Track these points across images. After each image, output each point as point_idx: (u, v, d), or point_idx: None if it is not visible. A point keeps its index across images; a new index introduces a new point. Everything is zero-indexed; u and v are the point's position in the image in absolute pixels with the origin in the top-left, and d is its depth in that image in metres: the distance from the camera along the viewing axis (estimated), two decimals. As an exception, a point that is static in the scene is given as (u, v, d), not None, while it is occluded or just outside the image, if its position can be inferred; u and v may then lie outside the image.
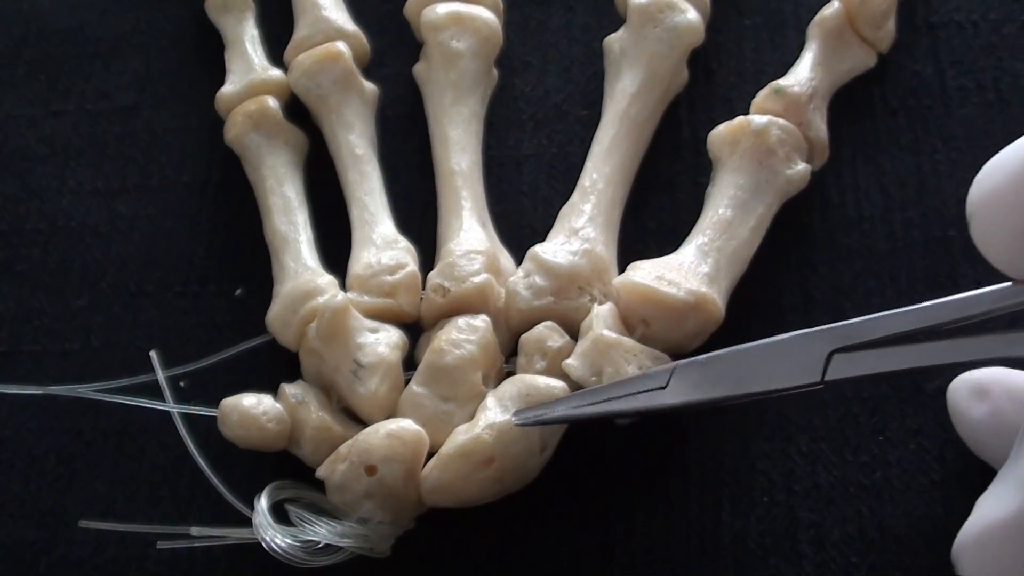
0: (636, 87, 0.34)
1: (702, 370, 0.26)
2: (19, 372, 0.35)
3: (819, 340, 0.24)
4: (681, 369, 0.26)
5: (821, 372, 0.24)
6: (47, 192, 0.38)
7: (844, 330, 0.23)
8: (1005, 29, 0.36)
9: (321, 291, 0.31)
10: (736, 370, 0.25)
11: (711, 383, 0.25)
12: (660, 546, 0.29)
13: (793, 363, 0.24)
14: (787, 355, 0.24)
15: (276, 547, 0.28)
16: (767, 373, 0.25)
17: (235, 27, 0.39)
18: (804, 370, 0.24)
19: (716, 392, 0.25)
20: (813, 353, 0.24)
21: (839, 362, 0.23)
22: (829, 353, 0.24)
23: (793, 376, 0.24)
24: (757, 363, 0.25)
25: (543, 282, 0.31)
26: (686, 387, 0.26)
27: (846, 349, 0.23)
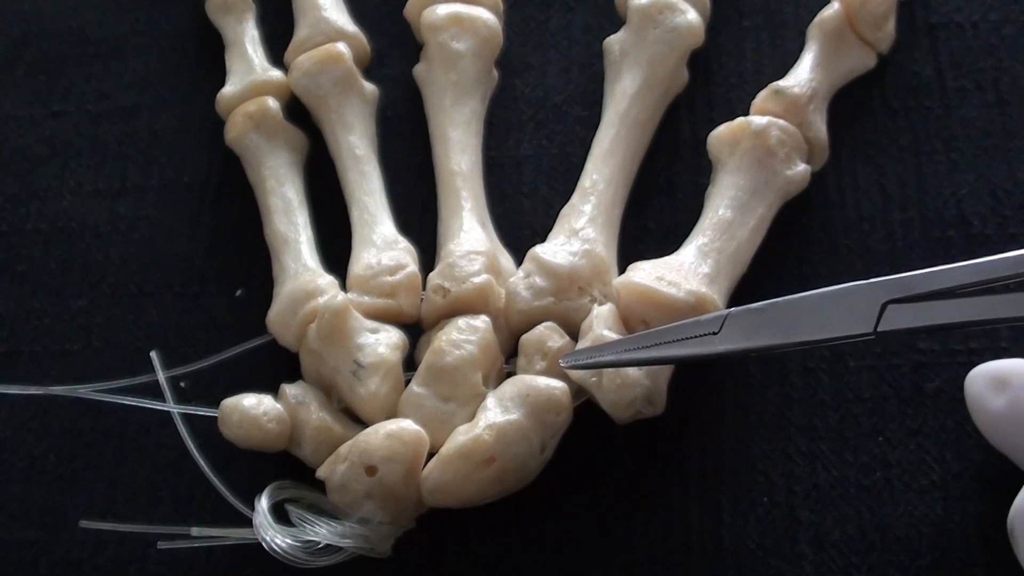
0: (636, 88, 0.34)
1: (755, 317, 0.26)
2: (19, 372, 0.35)
3: (874, 291, 0.24)
4: (734, 315, 0.26)
5: (874, 323, 0.24)
6: (47, 192, 0.38)
7: (899, 282, 0.23)
8: (1005, 30, 0.36)
9: (321, 292, 0.31)
10: (789, 318, 0.25)
11: (764, 330, 0.25)
12: (660, 546, 0.29)
13: (846, 313, 0.24)
14: (841, 305, 0.24)
15: (276, 547, 0.28)
16: (820, 322, 0.25)
17: (235, 28, 0.39)
18: (857, 320, 0.24)
19: (768, 339, 0.25)
20: (867, 304, 0.24)
21: (892, 313, 0.23)
22: (883, 304, 0.23)
23: (846, 326, 0.24)
24: (811, 312, 0.25)
25: (543, 283, 0.31)
26: (739, 333, 0.26)
27: (900, 300, 0.23)
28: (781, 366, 0.31)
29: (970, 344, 0.30)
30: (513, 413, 0.28)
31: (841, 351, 0.31)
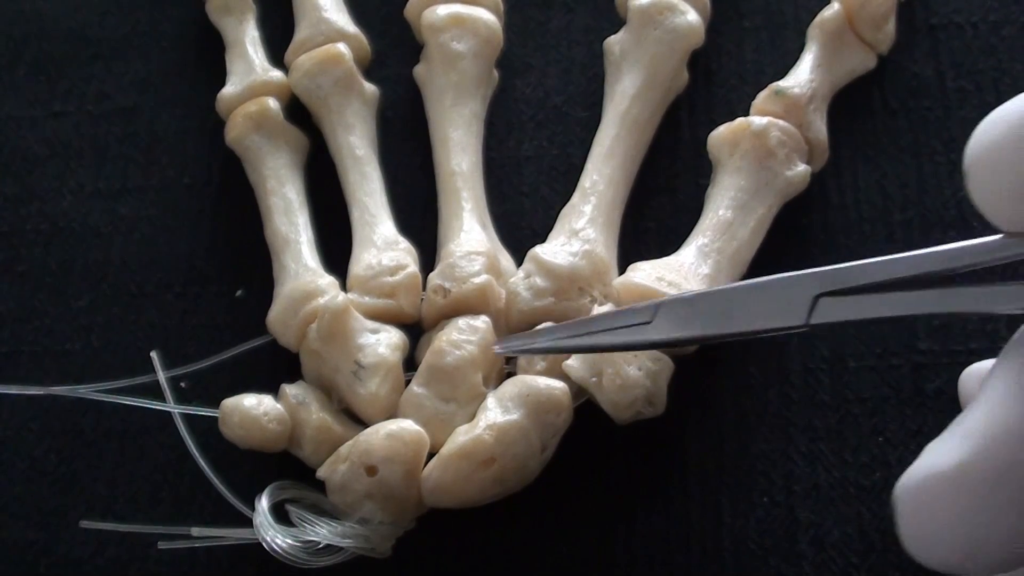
0: (636, 88, 0.34)
1: (688, 307, 0.26)
2: (20, 372, 0.35)
3: (806, 283, 0.23)
4: (667, 305, 0.26)
5: (806, 315, 0.23)
6: (48, 193, 0.38)
7: (831, 274, 0.23)
8: (1005, 31, 0.36)
9: (322, 292, 0.31)
10: (722, 308, 0.25)
11: (696, 320, 0.25)
12: (660, 546, 0.29)
13: (779, 304, 0.24)
14: (773, 296, 0.24)
15: (277, 547, 0.28)
16: (753, 313, 0.24)
17: (236, 28, 0.39)
18: (789, 312, 0.24)
19: (701, 330, 0.25)
20: (799, 295, 0.23)
21: (824, 306, 0.23)
22: (815, 296, 0.23)
23: (778, 317, 0.24)
24: (743, 302, 0.25)
25: (543, 283, 0.31)
26: (671, 323, 0.26)
27: (832, 293, 0.23)
28: (781, 366, 0.31)
29: (970, 344, 0.30)
30: (513, 413, 0.28)
31: (841, 352, 0.31)
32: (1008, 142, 0.19)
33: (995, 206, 0.20)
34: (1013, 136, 0.19)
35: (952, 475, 0.19)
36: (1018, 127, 0.19)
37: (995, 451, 0.19)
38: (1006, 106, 0.20)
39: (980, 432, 0.19)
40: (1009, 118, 0.19)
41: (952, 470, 0.19)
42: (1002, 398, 0.19)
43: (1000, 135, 0.19)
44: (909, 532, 0.20)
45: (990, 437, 0.19)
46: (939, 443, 0.20)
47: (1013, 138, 0.19)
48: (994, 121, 0.20)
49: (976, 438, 0.19)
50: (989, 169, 0.20)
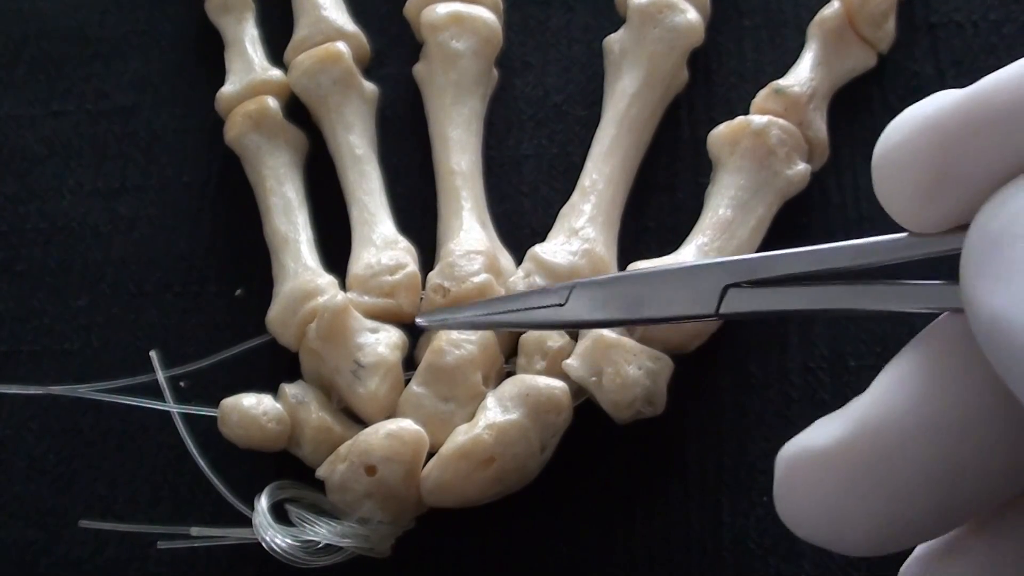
0: (636, 87, 0.34)
1: (601, 290, 0.26)
2: (19, 372, 0.35)
3: (715, 272, 0.23)
4: (580, 287, 0.26)
5: (716, 304, 0.23)
6: (47, 192, 0.38)
7: (739, 265, 0.23)
8: (1005, 29, 0.36)
9: (321, 291, 0.31)
10: (635, 293, 0.25)
11: (609, 304, 0.25)
12: (660, 546, 0.29)
13: (690, 293, 0.24)
14: (685, 284, 0.24)
15: (276, 547, 0.28)
16: (664, 299, 0.24)
17: (235, 27, 0.39)
18: (699, 301, 0.24)
19: (613, 313, 0.25)
20: (709, 285, 0.23)
21: (733, 297, 0.23)
22: (724, 287, 0.23)
23: (689, 305, 0.24)
24: (655, 289, 0.25)
25: (543, 282, 0.31)
26: (584, 306, 0.26)
27: (741, 284, 0.23)
28: (781, 366, 0.31)
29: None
30: (513, 413, 0.28)
31: (841, 351, 0.31)
32: (911, 143, 0.19)
33: (899, 206, 0.20)
34: (916, 137, 0.19)
35: (824, 454, 0.19)
36: (921, 128, 0.19)
37: (868, 436, 0.19)
38: (912, 108, 0.20)
39: (859, 417, 0.19)
40: (914, 120, 0.19)
41: (824, 449, 0.19)
42: (886, 388, 0.19)
43: (904, 136, 0.19)
44: (780, 501, 0.20)
45: (867, 423, 0.19)
46: (824, 420, 0.20)
47: (916, 139, 0.19)
48: (900, 123, 0.20)
49: (853, 421, 0.19)
50: (893, 169, 0.20)
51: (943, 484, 0.18)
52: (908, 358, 0.20)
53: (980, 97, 0.19)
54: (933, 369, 0.19)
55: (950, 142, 0.19)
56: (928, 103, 0.19)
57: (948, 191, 0.19)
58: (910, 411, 0.19)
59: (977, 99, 0.19)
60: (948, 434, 0.18)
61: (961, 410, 0.18)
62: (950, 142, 0.19)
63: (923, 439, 0.18)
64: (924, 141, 0.19)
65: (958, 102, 0.19)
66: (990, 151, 0.18)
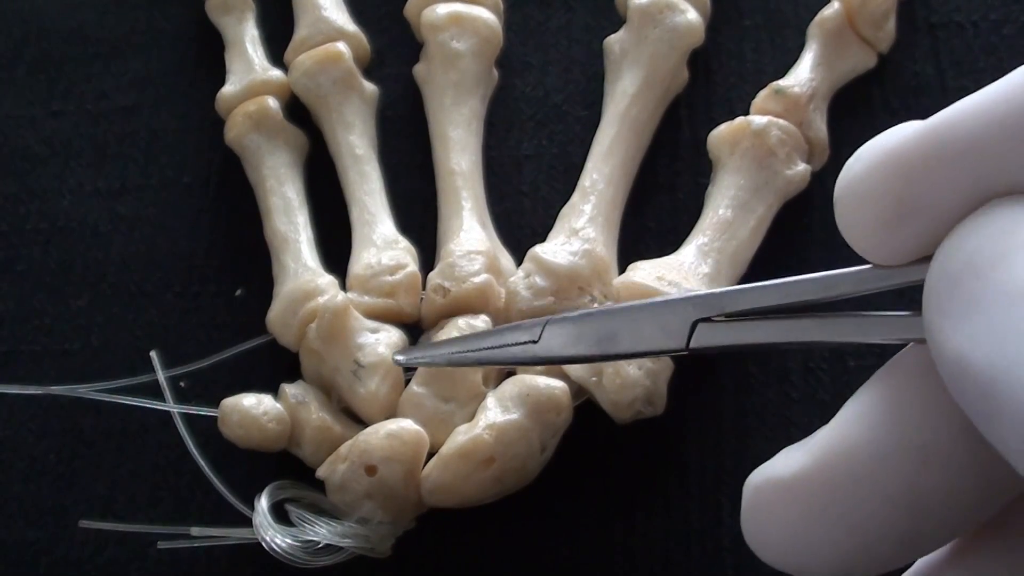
0: (636, 87, 0.34)
1: (573, 327, 0.26)
2: (19, 372, 0.35)
3: (684, 307, 0.24)
4: (552, 324, 0.26)
5: (686, 339, 0.24)
6: (47, 192, 0.38)
7: (708, 299, 0.23)
8: (1005, 30, 0.36)
9: (321, 291, 0.31)
10: (606, 329, 0.25)
11: (581, 341, 0.26)
12: (660, 546, 0.29)
13: (660, 328, 0.24)
14: (654, 320, 0.24)
15: (276, 547, 0.28)
16: (634, 335, 0.25)
17: (235, 27, 0.39)
18: (669, 336, 0.24)
19: (585, 349, 0.26)
20: (678, 320, 0.24)
21: (703, 331, 0.23)
22: (693, 322, 0.24)
23: (659, 341, 0.24)
24: (625, 325, 0.25)
25: (543, 282, 0.31)
26: (557, 343, 0.26)
27: (709, 319, 0.23)
28: (781, 366, 0.31)
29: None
30: (513, 413, 0.28)
31: (841, 351, 0.31)
32: (872, 174, 0.19)
33: (861, 238, 0.20)
34: (877, 169, 0.19)
35: (787, 484, 0.19)
36: (883, 160, 0.19)
37: (830, 465, 0.19)
38: (874, 140, 0.20)
39: (822, 447, 0.19)
40: (875, 150, 0.19)
41: (788, 479, 0.19)
42: (849, 419, 0.19)
43: (865, 168, 0.19)
44: (746, 527, 0.20)
45: (830, 453, 0.19)
46: (790, 450, 0.20)
47: (877, 171, 0.19)
48: (861, 154, 0.20)
49: (817, 452, 0.19)
50: (855, 201, 0.20)
51: (907, 512, 0.18)
52: (871, 388, 0.20)
53: (941, 129, 0.19)
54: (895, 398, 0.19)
55: (911, 174, 0.19)
56: (890, 135, 0.19)
57: (909, 223, 0.19)
58: (872, 440, 0.19)
59: (938, 131, 0.19)
60: (910, 462, 0.18)
61: (923, 438, 0.18)
62: (911, 174, 0.19)
63: (884, 467, 0.18)
64: (885, 173, 0.19)
65: (919, 133, 0.19)
66: (951, 183, 0.18)
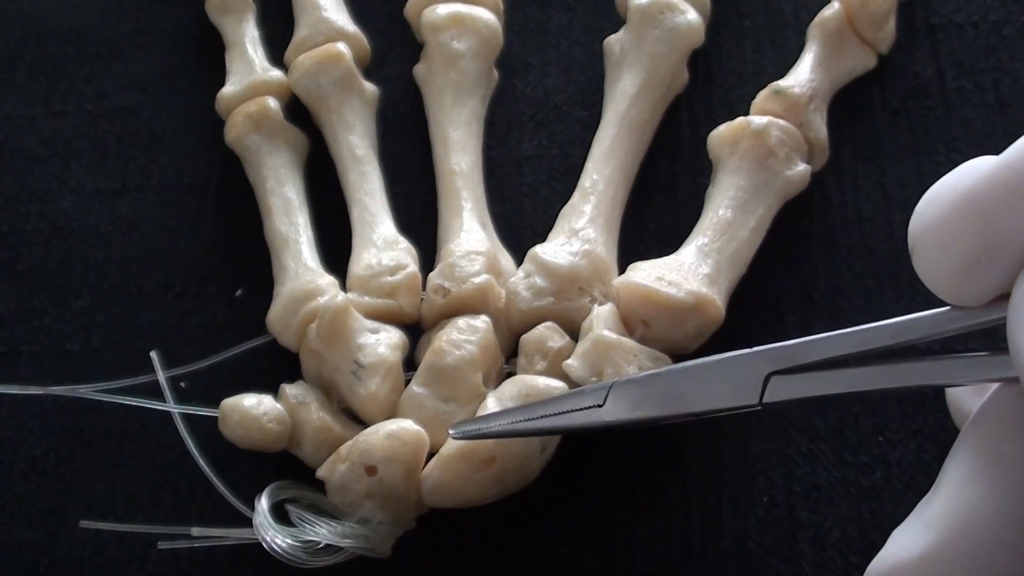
0: (636, 88, 0.34)
1: (640, 389, 0.26)
2: (20, 372, 0.35)
3: (756, 362, 0.23)
4: (618, 387, 0.26)
5: (759, 394, 0.23)
6: (48, 193, 0.38)
7: (781, 352, 0.23)
8: (1005, 30, 0.36)
9: (322, 292, 0.31)
10: (674, 389, 0.25)
11: (648, 402, 0.25)
12: (660, 546, 0.29)
13: (731, 384, 0.24)
14: (725, 376, 0.24)
15: (276, 547, 0.28)
16: (705, 393, 0.24)
17: (235, 28, 0.39)
18: (742, 392, 0.24)
19: (653, 411, 0.25)
20: (751, 375, 0.23)
21: (776, 384, 0.23)
22: (767, 375, 0.23)
23: (731, 397, 0.24)
24: (695, 383, 0.25)
25: (543, 283, 0.31)
26: (623, 406, 0.26)
27: (783, 372, 0.23)
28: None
29: (970, 345, 0.30)
30: (513, 413, 0.28)
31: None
32: (951, 217, 0.19)
33: (943, 282, 0.20)
34: (955, 211, 0.19)
35: (917, 565, 0.19)
36: (960, 202, 0.19)
37: (957, 540, 0.19)
38: (947, 179, 0.20)
39: (941, 519, 0.19)
40: (950, 192, 0.19)
41: (916, 560, 0.19)
42: (959, 483, 0.19)
43: (942, 211, 0.19)
44: None
45: (950, 525, 0.19)
46: (904, 529, 0.20)
47: (956, 213, 0.19)
48: (935, 197, 0.20)
49: (938, 527, 0.19)
50: (935, 244, 0.20)
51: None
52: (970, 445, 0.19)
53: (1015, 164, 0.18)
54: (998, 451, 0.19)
55: (990, 214, 0.18)
56: (961, 174, 0.19)
57: (991, 263, 0.19)
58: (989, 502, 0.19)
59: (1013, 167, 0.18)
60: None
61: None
62: (990, 214, 0.18)
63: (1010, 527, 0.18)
64: (963, 215, 0.19)
65: (992, 172, 0.19)
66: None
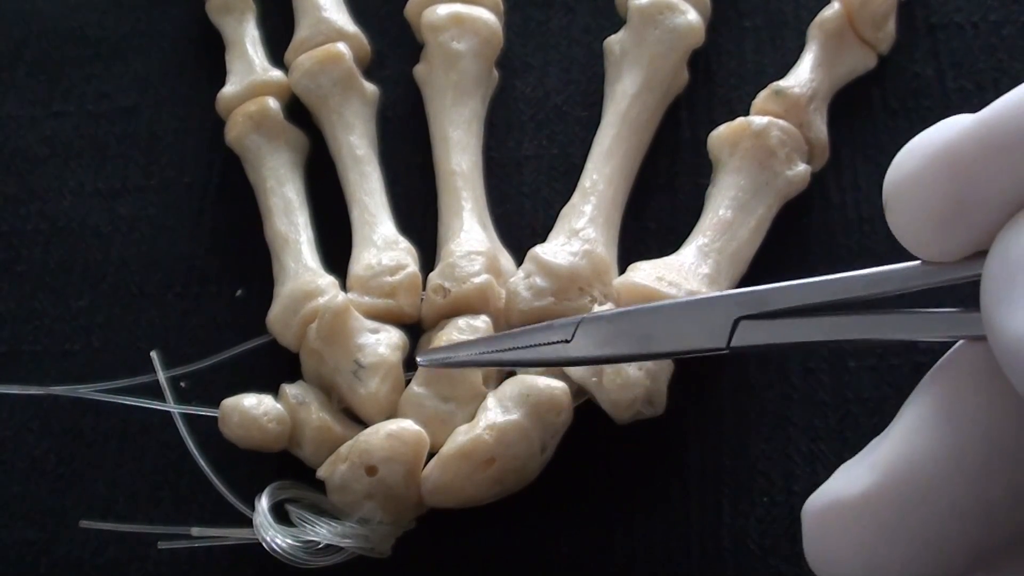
0: (636, 88, 0.34)
1: (609, 326, 0.25)
2: (20, 372, 0.35)
3: (726, 305, 0.23)
4: (587, 323, 0.26)
5: (727, 338, 0.23)
6: (48, 193, 0.38)
7: (750, 296, 0.23)
8: (1005, 30, 0.36)
9: (322, 292, 0.31)
10: (643, 328, 0.25)
11: (617, 340, 0.25)
12: (660, 546, 0.29)
13: (700, 326, 0.24)
14: (694, 318, 0.24)
15: (277, 547, 0.28)
16: (673, 334, 0.24)
17: (236, 28, 0.39)
18: (710, 334, 0.23)
19: (621, 349, 0.25)
20: (720, 317, 0.23)
21: (745, 329, 0.23)
22: (736, 319, 0.23)
23: (699, 339, 0.24)
24: (664, 323, 0.24)
25: (543, 283, 0.31)
26: (591, 342, 0.25)
27: (752, 317, 0.23)
28: (781, 366, 0.31)
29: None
30: (513, 413, 0.28)
31: (841, 351, 0.31)
32: (924, 173, 0.19)
33: (915, 236, 0.20)
34: (929, 166, 0.19)
35: (855, 504, 0.19)
36: (935, 157, 0.19)
37: (898, 483, 0.19)
38: (924, 135, 0.19)
39: (886, 463, 0.19)
40: (927, 146, 0.19)
41: (855, 499, 0.19)
42: (910, 430, 0.19)
43: (916, 166, 0.19)
44: (812, 554, 0.20)
45: (895, 468, 0.19)
46: (849, 468, 0.20)
47: (929, 168, 0.19)
48: (911, 151, 0.20)
49: (881, 468, 0.19)
50: (908, 201, 0.19)
51: (977, 522, 0.18)
52: (927, 394, 0.19)
53: (992, 122, 0.18)
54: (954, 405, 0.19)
55: (965, 170, 0.18)
56: (938, 130, 0.19)
57: (965, 220, 0.19)
58: (936, 452, 0.18)
59: (989, 124, 0.18)
60: (978, 472, 0.18)
61: (988, 445, 0.18)
62: (965, 170, 0.18)
63: (952, 480, 0.18)
64: (938, 170, 0.19)
65: (969, 128, 0.18)
66: (1005, 177, 0.18)
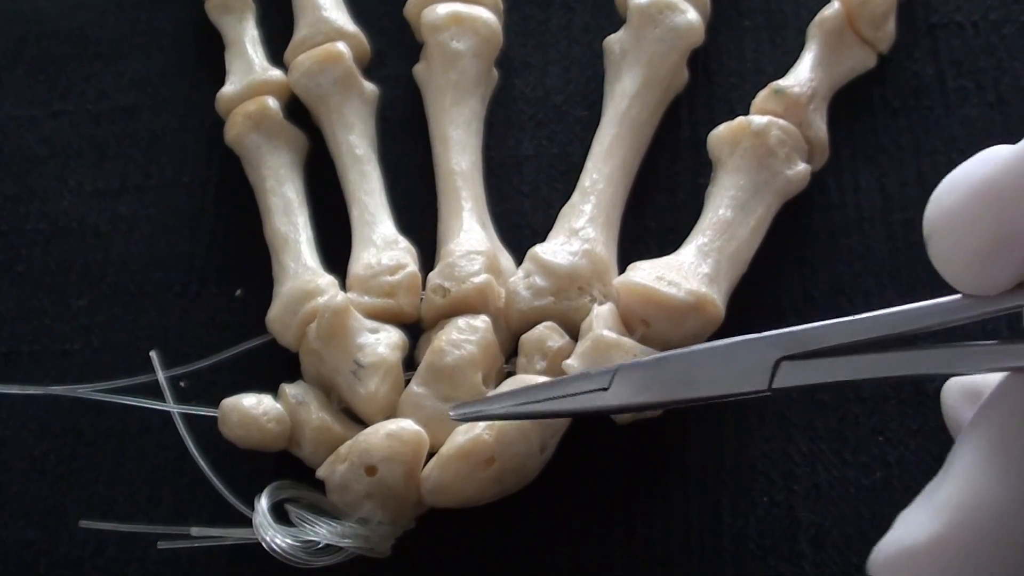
0: (636, 87, 0.34)
1: (646, 372, 0.25)
2: (19, 372, 0.35)
3: (766, 347, 0.23)
4: (624, 370, 0.25)
5: (768, 380, 0.23)
6: (47, 192, 0.38)
7: (791, 337, 0.23)
8: (1005, 30, 0.36)
9: (321, 291, 0.31)
10: (681, 373, 0.24)
11: (655, 386, 0.25)
12: (660, 546, 0.29)
13: (740, 369, 0.23)
14: (734, 361, 0.24)
15: (276, 547, 0.28)
16: (713, 378, 0.24)
17: (235, 27, 0.39)
18: (751, 377, 0.23)
19: (659, 395, 0.25)
20: (760, 360, 0.23)
21: (786, 370, 0.23)
22: (776, 360, 0.23)
23: (740, 383, 0.23)
24: (703, 367, 0.24)
25: (543, 282, 0.31)
26: (629, 390, 0.25)
27: (793, 357, 0.23)
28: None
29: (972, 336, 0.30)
30: (513, 413, 0.28)
31: (841, 351, 0.31)
32: (967, 208, 0.19)
33: (957, 271, 0.20)
34: (972, 200, 0.19)
35: (925, 551, 0.19)
36: (976, 190, 0.19)
37: (967, 526, 0.19)
38: (963, 168, 0.19)
39: (952, 506, 0.19)
40: (967, 181, 0.19)
41: (925, 545, 0.19)
42: (971, 469, 0.19)
43: (958, 200, 0.19)
44: None
45: (962, 511, 0.19)
46: (912, 514, 0.20)
47: (971, 203, 0.19)
48: (952, 186, 0.20)
49: (948, 512, 0.19)
50: (950, 233, 0.20)
51: None
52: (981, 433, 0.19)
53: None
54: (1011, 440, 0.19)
55: (1007, 204, 0.18)
56: (978, 163, 0.19)
57: (1007, 254, 0.19)
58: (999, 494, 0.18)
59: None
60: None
61: None
62: (1007, 204, 0.18)
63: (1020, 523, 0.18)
64: (979, 206, 0.19)
65: (1009, 161, 0.18)
66: None
